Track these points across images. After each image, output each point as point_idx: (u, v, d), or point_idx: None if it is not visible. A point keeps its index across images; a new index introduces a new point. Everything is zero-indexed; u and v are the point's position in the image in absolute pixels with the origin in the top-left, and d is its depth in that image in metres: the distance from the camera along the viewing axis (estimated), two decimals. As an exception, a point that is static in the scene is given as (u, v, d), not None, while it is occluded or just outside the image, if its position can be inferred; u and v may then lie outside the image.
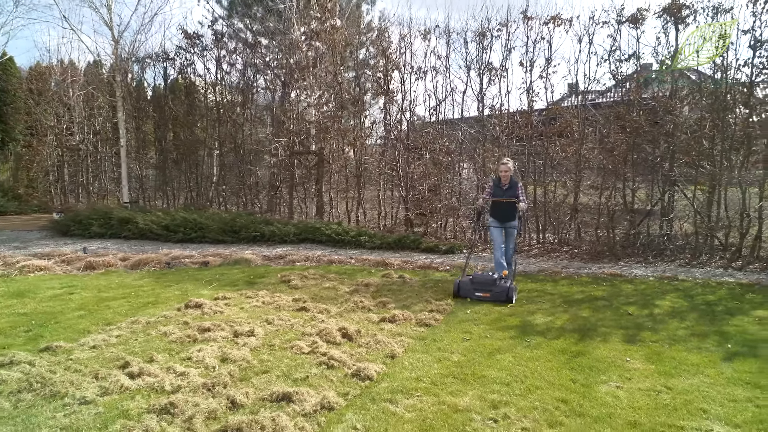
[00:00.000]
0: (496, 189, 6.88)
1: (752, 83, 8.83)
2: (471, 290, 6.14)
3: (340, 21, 13.17)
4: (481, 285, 6.12)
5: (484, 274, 6.39)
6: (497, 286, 6.07)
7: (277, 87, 14.27)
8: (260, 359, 4.12)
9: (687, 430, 3.13)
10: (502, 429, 3.12)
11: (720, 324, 5.35)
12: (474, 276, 6.31)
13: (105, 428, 3.00)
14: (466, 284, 6.23)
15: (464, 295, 6.17)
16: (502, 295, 6.01)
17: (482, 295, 6.05)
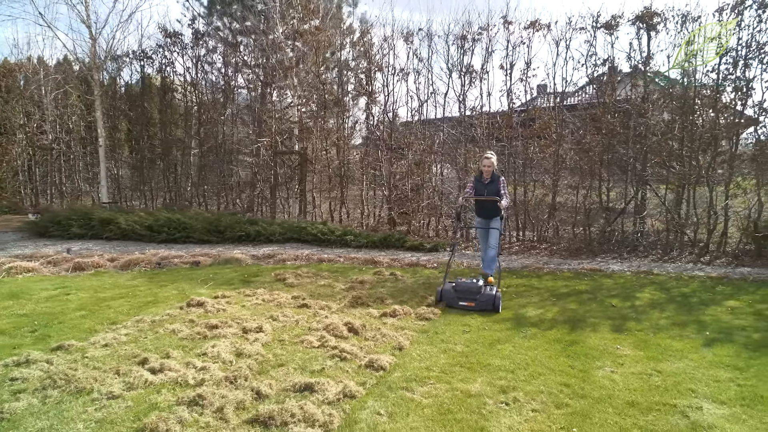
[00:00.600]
0: (478, 184, 6.76)
1: (718, 88, 9.37)
2: (454, 299, 5.77)
3: (320, 22, 13.26)
4: (464, 293, 5.74)
5: (467, 281, 5.88)
6: (482, 294, 5.69)
7: (257, 86, 14.26)
8: (274, 353, 4.26)
9: (680, 408, 3.44)
10: (514, 411, 3.36)
11: (697, 314, 5.74)
12: (457, 283, 5.87)
13: (138, 420, 3.11)
14: (448, 292, 5.84)
15: (448, 304, 5.82)
16: (487, 305, 5.64)
17: (466, 304, 5.68)
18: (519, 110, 11.20)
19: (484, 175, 6.69)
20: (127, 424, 3.07)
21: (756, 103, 9.14)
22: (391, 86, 11.98)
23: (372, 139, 12.56)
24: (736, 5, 9.02)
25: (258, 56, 14.52)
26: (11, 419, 3.09)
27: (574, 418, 3.27)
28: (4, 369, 3.83)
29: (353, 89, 13.32)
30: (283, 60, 12.68)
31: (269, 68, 13.39)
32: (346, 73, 13.49)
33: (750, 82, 9.10)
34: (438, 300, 5.90)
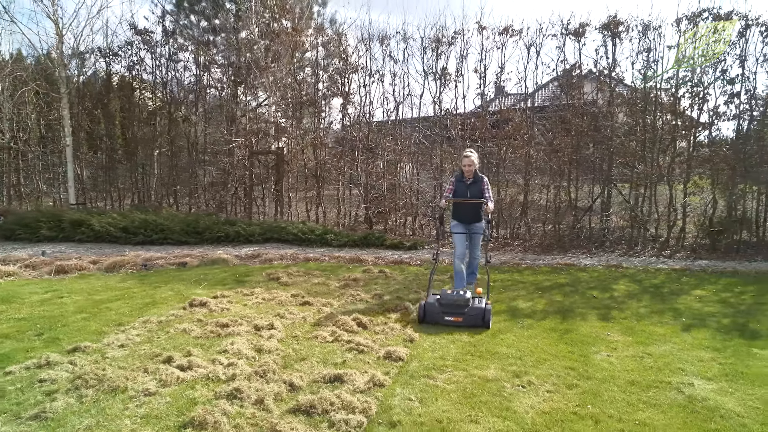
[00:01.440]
0: (459, 185, 6.13)
1: (677, 93, 10.06)
2: (439, 314, 5.13)
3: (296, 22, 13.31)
4: (451, 308, 5.12)
5: (453, 293, 5.28)
6: (471, 308, 5.10)
7: (228, 86, 14.16)
8: (293, 349, 4.41)
9: (674, 384, 3.82)
10: (531, 392, 3.66)
11: (670, 302, 6.25)
12: (442, 296, 5.25)
13: (182, 415, 3.21)
14: (432, 307, 5.19)
15: (431, 320, 5.17)
16: (477, 319, 5.06)
17: (453, 319, 5.09)
18: (493, 112, 11.64)
19: (465, 175, 6.08)
20: (173, 418, 3.17)
21: (711, 108, 9.89)
22: (366, 87, 12.18)
23: (348, 139, 12.71)
24: (693, 16, 9.72)
25: (229, 55, 14.44)
26: (54, 418, 3.13)
27: (586, 397, 3.59)
28: (28, 372, 3.83)
29: (327, 89, 13.44)
30: (258, 59, 12.66)
31: (243, 66, 13.33)
32: (321, 74, 13.58)
33: (706, 89, 9.83)
34: (421, 318, 5.21)
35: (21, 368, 3.87)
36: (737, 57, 9.57)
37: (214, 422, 3.06)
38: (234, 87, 14.08)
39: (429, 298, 5.38)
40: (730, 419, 3.30)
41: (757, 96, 9.71)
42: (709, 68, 9.66)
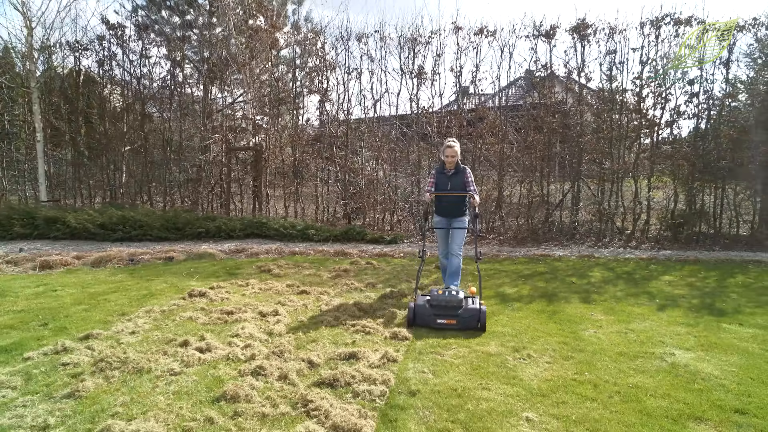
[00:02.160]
0: (440, 176, 5.85)
1: (641, 93, 10.67)
2: (431, 317, 4.76)
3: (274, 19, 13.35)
4: (443, 309, 4.76)
5: (445, 293, 4.87)
6: (465, 309, 4.76)
7: (203, 82, 14.08)
8: (302, 332, 4.59)
9: (657, 354, 4.21)
10: (533, 364, 3.97)
11: (643, 287, 6.71)
12: (432, 296, 4.88)
13: (212, 390, 3.36)
14: (423, 309, 4.81)
15: (422, 323, 4.80)
16: (471, 321, 4.71)
17: (446, 322, 4.72)
18: (468, 110, 12.01)
19: (446, 166, 5.80)
20: (204, 393, 3.32)
21: (672, 108, 10.53)
22: (344, 85, 12.37)
23: (326, 135, 12.85)
24: (656, 21, 10.33)
25: (202, 51, 14.36)
26: (88, 397, 3.23)
27: (582, 366, 3.93)
28: (47, 357, 3.88)
29: (304, 86, 13.55)
30: (235, 55, 12.66)
31: (218, 63, 13.30)
32: (298, 72, 13.68)
33: (667, 89, 10.47)
34: (410, 323, 4.81)
35: (38, 354, 3.92)
36: (697, 59, 10.22)
37: (246, 395, 3.23)
38: (210, 82, 14.02)
39: (418, 299, 4.99)
40: (709, 381, 3.69)
41: (714, 96, 10.40)
42: (671, 69, 10.27)
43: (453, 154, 5.75)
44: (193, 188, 13.23)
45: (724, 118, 10.47)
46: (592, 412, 3.18)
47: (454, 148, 5.76)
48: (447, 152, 5.77)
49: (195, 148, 13.29)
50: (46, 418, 2.93)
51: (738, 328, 4.94)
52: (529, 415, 3.12)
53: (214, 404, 3.16)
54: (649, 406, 3.28)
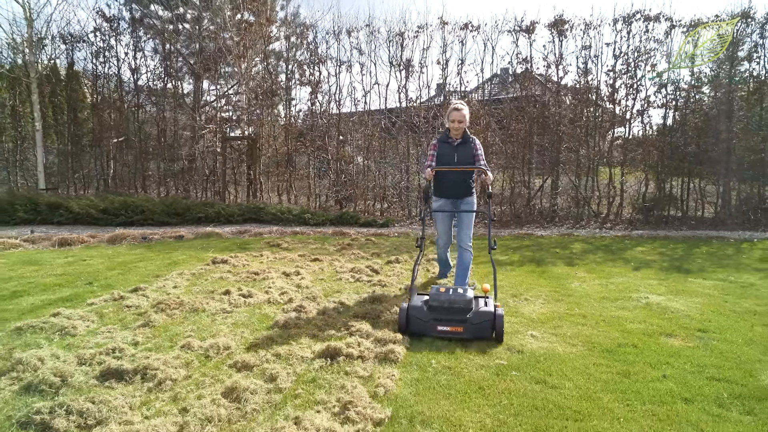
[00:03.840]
0: (444, 147, 4.83)
1: (614, 84, 11.51)
2: (430, 323, 3.64)
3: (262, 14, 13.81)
4: (446, 313, 3.65)
5: (450, 291, 3.75)
6: (475, 313, 3.62)
7: (198, 74, 14.46)
8: (324, 286, 5.17)
9: (635, 298, 4.93)
10: (531, 304, 4.65)
11: (619, 254, 7.49)
12: (432, 296, 3.76)
13: (264, 322, 3.94)
14: (419, 312, 3.69)
15: (418, 331, 3.67)
16: (484, 330, 3.56)
17: (450, 330, 3.60)
18: (454, 101, 12.69)
19: (452, 134, 4.78)
20: (257, 324, 3.89)
21: (643, 98, 11.40)
22: (335, 77, 12.93)
23: (318, 125, 13.38)
24: (628, 17, 11.17)
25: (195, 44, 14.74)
26: (159, 327, 3.77)
27: (572, 305, 4.62)
28: (108, 303, 4.39)
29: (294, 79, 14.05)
30: (230, 47, 13.09)
31: (211, 55, 13.70)
32: (290, 65, 14.16)
33: (638, 81, 11.33)
34: (402, 327, 3.68)
35: (100, 301, 4.42)
36: (664, 53, 11.12)
37: (295, 324, 3.82)
38: (201, 75, 14.41)
39: (413, 298, 3.86)
40: (677, 313, 4.41)
41: (681, 87, 11.30)
42: (642, 62, 11.13)
43: (460, 118, 4.67)
44: (189, 177, 13.62)
45: (690, 108, 11.38)
46: (584, 331, 3.86)
47: (461, 111, 4.67)
48: (453, 116, 4.70)
49: (188, 138, 13.67)
50: (132, 338, 3.46)
51: (701, 281, 5.72)
52: (533, 333, 3.78)
53: (271, 330, 3.74)
54: (629, 327, 3.97)
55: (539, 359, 3.27)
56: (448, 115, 4.81)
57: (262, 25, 12.88)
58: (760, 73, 11.00)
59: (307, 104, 13.50)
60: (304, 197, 13.29)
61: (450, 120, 4.76)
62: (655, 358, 3.31)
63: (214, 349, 3.24)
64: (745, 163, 11.08)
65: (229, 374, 2.89)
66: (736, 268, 6.44)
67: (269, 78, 13.50)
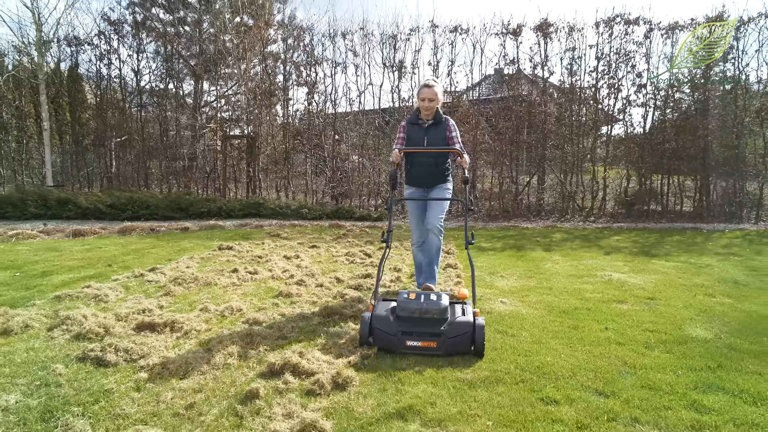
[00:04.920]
0: (413, 130, 4.28)
1: (597, 85, 12.12)
2: (396, 336, 3.08)
3: (261, 18, 14.38)
4: (416, 324, 3.13)
5: (420, 299, 3.21)
6: (452, 324, 3.11)
7: (199, 75, 15.01)
8: (322, 267, 5.74)
9: (598, 275, 5.52)
10: (504, 279, 5.24)
11: (595, 242, 8.09)
12: (400, 303, 3.21)
13: (270, 293, 4.51)
14: (384, 324, 3.14)
15: (383, 345, 3.13)
16: (461, 343, 3.06)
17: (421, 345, 3.05)
18: (444, 102, 13.28)
19: (422, 115, 4.24)
20: (264, 294, 4.46)
21: (623, 97, 12.02)
22: (330, 78, 13.51)
23: (314, 125, 13.95)
24: (609, 20, 11.78)
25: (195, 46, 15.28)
26: (179, 296, 4.34)
27: (541, 281, 5.21)
28: (130, 279, 4.95)
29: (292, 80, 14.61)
30: (230, 50, 13.65)
31: (211, 57, 14.26)
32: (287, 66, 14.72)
33: (619, 81, 11.94)
34: (363, 339, 3.16)
35: (123, 278, 4.99)
36: (644, 54, 11.74)
37: (297, 293, 4.40)
38: (201, 76, 14.96)
39: (377, 306, 3.32)
40: (634, 285, 5.01)
41: (659, 87, 11.92)
42: (622, 64, 11.75)
43: (431, 96, 4.12)
44: (190, 175, 14.17)
45: (669, 107, 12.00)
46: (547, 299, 4.45)
47: (433, 88, 4.14)
48: (423, 93, 4.14)
49: (189, 137, 14.22)
50: (157, 303, 4.03)
51: (664, 263, 6.32)
52: (503, 300, 4.37)
53: (276, 298, 4.31)
54: (587, 296, 4.57)
55: (504, 317, 3.86)
56: (417, 93, 4.22)
57: (261, 29, 13.43)
58: (734, 74, 11.62)
59: (304, 104, 14.09)
60: (302, 194, 13.85)
61: (420, 98, 4.16)
62: (603, 317, 3.90)
63: (228, 311, 3.82)
64: (720, 160, 11.70)
65: (243, 327, 3.46)
66: (699, 253, 7.05)
67: (267, 79, 14.05)
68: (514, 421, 2.27)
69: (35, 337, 3.27)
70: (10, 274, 5.19)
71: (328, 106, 13.76)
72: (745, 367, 2.91)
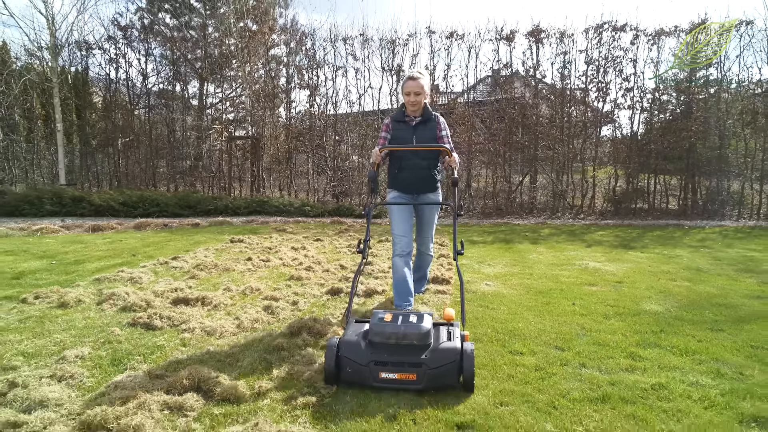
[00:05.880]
0: (398, 128, 3.83)
1: (587, 88, 12.73)
2: (368, 366, 2.59)
3: (265, 23, 14.97)
4: (392, 352, 2.64)
5: (397, 321, 2.70)
6: (435, 351, 2.62)
7: (205, 77, 15.61)
8: (327, 257, 6.34)
9: (577, 264, 6.12)
10: (491, 267, 5.85)
11: (580, 237, 8.70)
12: (374, 327, 2.71)
13: (282, 277, 5.10)
14: (354, 352, 2.65)
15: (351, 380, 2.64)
16: (447, 375, 2.58)
17: (398, 377, 2.57)
18: (440, 104, 13.89)
19: (408, 111, 3.80)
20: (277, 278, 5.06)
21: (611, 100, 12.64)
22: (331, 81, 14.12)
23: (316, 126, 14.55)
24: (597, 27, 12.38)
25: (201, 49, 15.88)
26: (201, 279, 4.93)
27: (524, 268, 5.82)
28: (156, 266, 5.54)
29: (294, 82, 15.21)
30: (235, 53, 14.24)
31: (216, 61, 14.86)
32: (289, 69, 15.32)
33: (607, 85, 12.54)
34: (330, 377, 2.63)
35: (150, 264, 5.58)
36: (630, 59, 12.35)
37: (306, 277, 4.99)
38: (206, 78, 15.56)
39: (348, 329, 2.86)
40: (606, 272, 5.61)
41: (645, 90, 12.53)
42: (610, 68, 12.36)
43: (417, 89, 3.67)
44: (197, 174, 14.76)
45: (655, 109, 12.62)
46: (527, 282, 5.06)
47: (418, 80, 3.67)
48: (408, 86, 3.70)
49: (195, 138, 14.81)
50: (186, 284, 4.62)
51: (639, 254, 6.92)
52: (487, 282, 4.98)
53: (288, 281, 4.91)
54: (563, 281, 5.17)
55: (487, 296, 4.46)
56: (402, 87, 3.74)
57: (265, 33, 14.02)
58: (717, 78, 12.23)
59: (306, 106, 14.69)
60: (304, 192, 14.44)
61: (404, 92, 3.71)
62: (573, 296, 4.50)
63: (248, 290, 4.41)
64: (704, 160, 12.30)
65: (263, 302, 4.06)
66: (674, 246, 7.65)
67: (271, 82, 14.64)
68: (486, 365, 2.87)
69: (88, 309, 3.87)
70: (47, 262, 5.77)
71: (329, 108, 14.36)
72: (683, 331, 3.52)
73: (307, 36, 14.77)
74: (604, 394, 2.49)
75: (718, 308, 4.10)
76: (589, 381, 2.67)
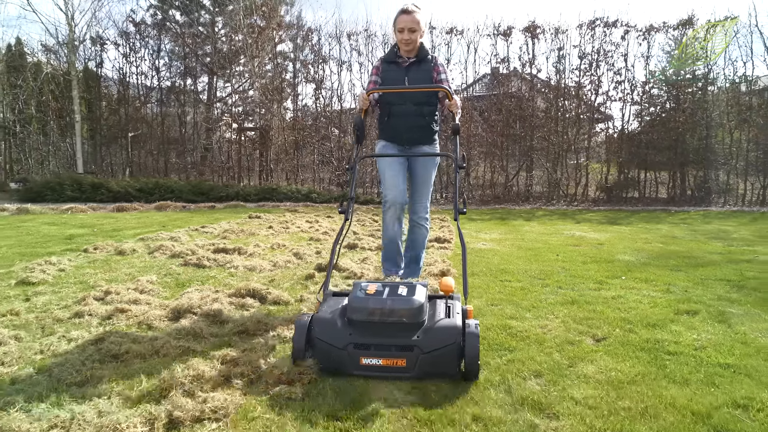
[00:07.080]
0: (389, 70, 3.35)
1: (580, 81, 13.39)
2: (346, 351, 2.14)
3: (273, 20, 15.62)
4: (376, 332, 2.18)
5: (383, 292, 2.23)
6: (429, 329, 2.17)
7: (214, 72, 16.25)
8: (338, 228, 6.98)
9: (565, 233, 6.79)
10: (488, 234, 6.52)
11: (572, 217, 9.38)
12: (354, 301, 2.23)
13: (302, 239, 5.76)
14: (329, 332, 2.21)
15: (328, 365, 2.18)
16: (442, 360, 2.12)
17: (383, 363, 2.12)
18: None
19: (401, 51, 3.31)
20: (297, 240, 5.71)
21: (604, 92, 13.30)
22: (336, 75, 14.78)
23: (322, 118, 15.21)
24: (591, 23, 13.04)
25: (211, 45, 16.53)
26: (234, 239, 5.59)
27: (517, 237, 6.48)
28: (188, 231, 6.20)
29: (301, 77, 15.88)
30: (245, 48, 14.90)
31: (225, 56, 15.51)
32: (296, 64, 15.98)
33: (600, 78, 13.21)
34: (297, 353, 2.20)
35: (181, 231, 6.23)
36: (622, 54, 13.02)
37: (324, 238, 5.66)
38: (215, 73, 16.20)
39: (324, 304, 2.43)
40: (591, 239, 6.28)
41: (636, 84, 13.20)
42: (602, 62, 13.03)
43: (412, 25, 3.19)
44: (208, 163, 15.43)
45: (645, 101, 13.29)
46: (519, 243, 5.73)
47: (413, 15, 3.19)
48: (401, 22, 3.20)
49: (205, 130, 15.48)
50: (221, 242, 5.28)
51: (623, 227, 7.60)
52: (484, 243, 5.64)
53: (308, 242, 5.58)
54: (551, 243, 5.84)
55: (483, 251, 5.13)
56: (394, 23, 3.25)
57: (273, 30, 14.68)
58: (703, 72, 12.89)
59: (312, 99, 15.36)
60: (309, 182, 15.10)
61: (397, 29, 3.21)
62: (558, 251, 5.17)
63: (275, 246, 5.08)
64: (691, 150, 12.96)
65: (290, 254, 4.72)
66: (657, 222, 8.33)
67: (278, 76, 15.31)
68: (481, 287, 3.54)
69: (142, 256, 4.54)
70: (89, 230, 6.44)
71: (335, 101, 15.03)
72: (646, 270, 4.19)
73: (313, 32, 15.45)
74: (572, 299, 3.17)
75: (682, 258, 4.77)
76: (562, 295, 3.34)
